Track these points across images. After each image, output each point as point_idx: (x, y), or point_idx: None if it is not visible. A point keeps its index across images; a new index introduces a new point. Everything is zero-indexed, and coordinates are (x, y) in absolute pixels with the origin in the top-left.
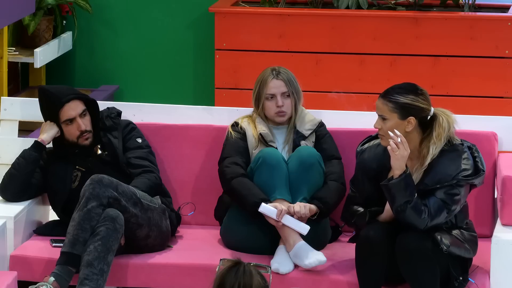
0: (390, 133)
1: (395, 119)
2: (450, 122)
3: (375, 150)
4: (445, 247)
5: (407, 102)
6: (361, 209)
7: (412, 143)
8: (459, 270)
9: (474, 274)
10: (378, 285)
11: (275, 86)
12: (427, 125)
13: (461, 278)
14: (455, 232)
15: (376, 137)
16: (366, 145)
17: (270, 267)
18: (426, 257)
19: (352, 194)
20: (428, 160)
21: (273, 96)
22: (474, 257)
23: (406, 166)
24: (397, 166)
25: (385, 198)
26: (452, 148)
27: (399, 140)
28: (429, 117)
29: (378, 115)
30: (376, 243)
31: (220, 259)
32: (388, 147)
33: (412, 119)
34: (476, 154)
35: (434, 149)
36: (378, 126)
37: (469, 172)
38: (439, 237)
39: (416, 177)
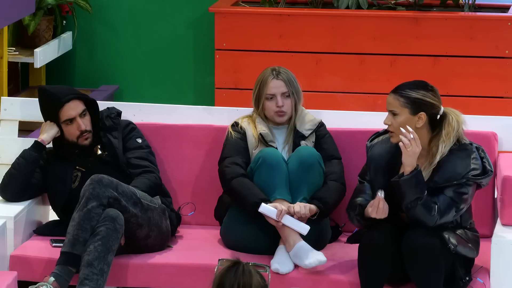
0: (402, 129)
1: (406, 114)
2: (459, 121)
3: (385, 145)
4: (452, 246)
5: (418, 97)
6: (360, 200)
7: (422, 140)
8: (463, 269)
9: (476, 275)
10: (380, 286)
11: (275, 86)
12: (436, 124)
13: (467, 278)
14: (459, 231)
15: (383, 133)
16: (375, 140)
17: (269, 267)
18: (433, 255)
19: (358, 186)
20: (437, 158)
21: (273, 96)
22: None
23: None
24: (409, 163)
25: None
26: (461, 147)
27: (411, 136)
28: (439, 116)
29: (389, 110)
30: (380, 244)
31: (219, 259)
32: (400, 143)
33: (423, 114)
34: (483, 155)
35: (443, 148)
36: (388, 122)
37: (478, 171)
38: (447, 236)
39: (425, 175)
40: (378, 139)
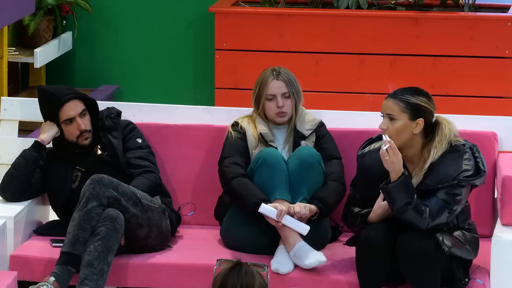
0: (384, 136)
1: (405, 119)
2: (451, 129)
3: (375, 155)
4: (446, 248)
5: (418, 103)
6: (357, 209)
7: (415, 147)
8: (461, 271)
9: (475, 274)
10: (379, 285)
11: (276, 86)
12: (429, 130)
13: (466, 280)
14: (457, 233)
15: (376, 139)
16: (366, 149)
17: (267, 266)
18: (427, 258)
19: (352, 195)
20: (428, 163)
21: (273, 97)
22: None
23: (404, 167)
24: (391, 170)
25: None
26: (453, 149)
27: (387, 146)
28: (432, 121)
29: (386, 114)
30: (377, 243)
31: (217, 260)
32: (380, 152)
33: (421, 121)
34: (477, 155)
35: (435, 153)
36: (384, 126)
37: (470, 172)
38: (440, 238)
39: (416, 180)
40: (369, 148)
